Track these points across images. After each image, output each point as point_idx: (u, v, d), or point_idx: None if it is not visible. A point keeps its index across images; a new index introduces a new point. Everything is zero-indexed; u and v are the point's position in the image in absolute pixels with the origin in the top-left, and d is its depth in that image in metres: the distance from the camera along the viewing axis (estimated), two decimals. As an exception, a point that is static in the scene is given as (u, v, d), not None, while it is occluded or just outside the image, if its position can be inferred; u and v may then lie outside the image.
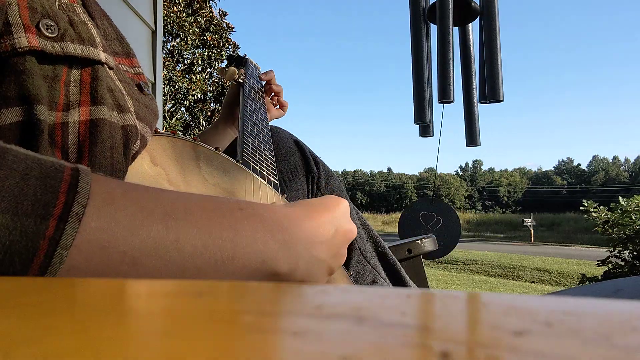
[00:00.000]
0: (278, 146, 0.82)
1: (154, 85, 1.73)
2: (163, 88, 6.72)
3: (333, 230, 0.37)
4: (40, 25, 0.35)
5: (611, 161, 67.01)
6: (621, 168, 65.62)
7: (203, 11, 7.65)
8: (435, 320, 0.14)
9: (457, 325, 0.13)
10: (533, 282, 6.71)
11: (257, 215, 0.32)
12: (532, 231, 19.43)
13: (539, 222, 27.59)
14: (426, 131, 1.74)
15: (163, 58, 4.79)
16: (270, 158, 0.68)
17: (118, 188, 0.28)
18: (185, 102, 7.65)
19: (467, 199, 62.68)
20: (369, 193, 63.66)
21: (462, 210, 56.04)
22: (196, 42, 7.63)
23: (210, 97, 7.98)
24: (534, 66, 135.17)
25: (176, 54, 7.57)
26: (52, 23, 0.36)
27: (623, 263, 4.14)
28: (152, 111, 0.47)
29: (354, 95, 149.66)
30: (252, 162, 0.60)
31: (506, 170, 70.44)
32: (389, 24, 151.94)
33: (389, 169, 69.70)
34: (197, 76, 7.63)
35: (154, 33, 1.75)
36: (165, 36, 7.40)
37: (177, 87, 7.41)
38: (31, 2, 0.35)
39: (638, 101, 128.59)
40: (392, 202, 60.90)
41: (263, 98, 0.93)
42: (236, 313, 0.15)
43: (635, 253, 4.07)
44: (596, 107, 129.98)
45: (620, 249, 4.19)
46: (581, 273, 4.98)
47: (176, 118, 7.71)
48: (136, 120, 0.42)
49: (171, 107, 7.57)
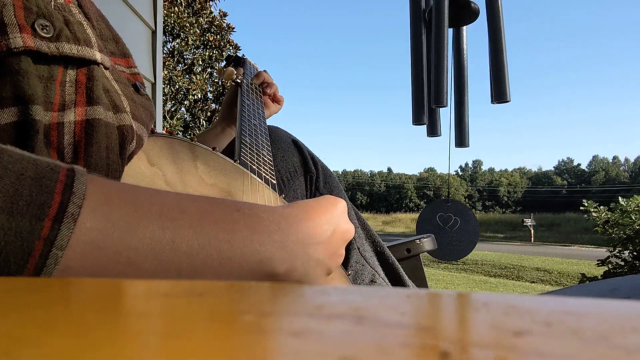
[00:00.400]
0: (276, 146, 0.82)
1: (154, 85, 1.73)
2: (163, 88, 6.73)
3: (330, 230, 0.37)
4: (35, 25, 0.35)
5: (611, 161, 67.03)
6: (621, 168, 65.63)
7: (204, 12, 7.65)
8: (434, 320, 0.14)
9: (457, 325, 0.13)
10: (533, 282, 6.70)
11: (254, 215, 0.32)
12: (532, 231, 19.45)
13: (539, 222, 27.62)
14: (434, 131, 1.74)
15: (163, 58, 4.79)
16: (268, 158, 0.68)
17: (114, 188, 0.28)
18: (185, 102, 7.66)
19: (467, 199, 62.61)
20: (369, 193, 63.66)
21: (462, 210, 55.90)
22: (197, 43, 7.63)
23: (210, 98, 7.99)
24: (534, 66, 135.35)
25: (176, 54, 7.58)
26: (48, 23, 0.36)
27: (623, 263, 4.14)
28: (148, 111, 0.47)
29: (354, 95, 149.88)
30: (250, 162, 0.60)
31: (506, 170, 70.43)
32: (389, 24, 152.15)
33: (389, 169, 69.77)
34: (198, 76, 7.63)
35: (154, 33, 1.75)
36: (165, 36, 7.41)
37: (178, 87, 7.42)
38: (26, 2, 0.35)
39: (638, 101, 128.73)
40: (392, 202, 60.90)
41: (261, 97, 0.94)
42: (236, 313, 0.15)
43: (635, 253, 4.08)
44: (596, 107, 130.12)
45: (620, 249, 4.19)
46: (581, 273, 4.98)
47: (176, 118, 7.72)
48: (132, 120, 0.41)
49: (171, 107, 7.58)
